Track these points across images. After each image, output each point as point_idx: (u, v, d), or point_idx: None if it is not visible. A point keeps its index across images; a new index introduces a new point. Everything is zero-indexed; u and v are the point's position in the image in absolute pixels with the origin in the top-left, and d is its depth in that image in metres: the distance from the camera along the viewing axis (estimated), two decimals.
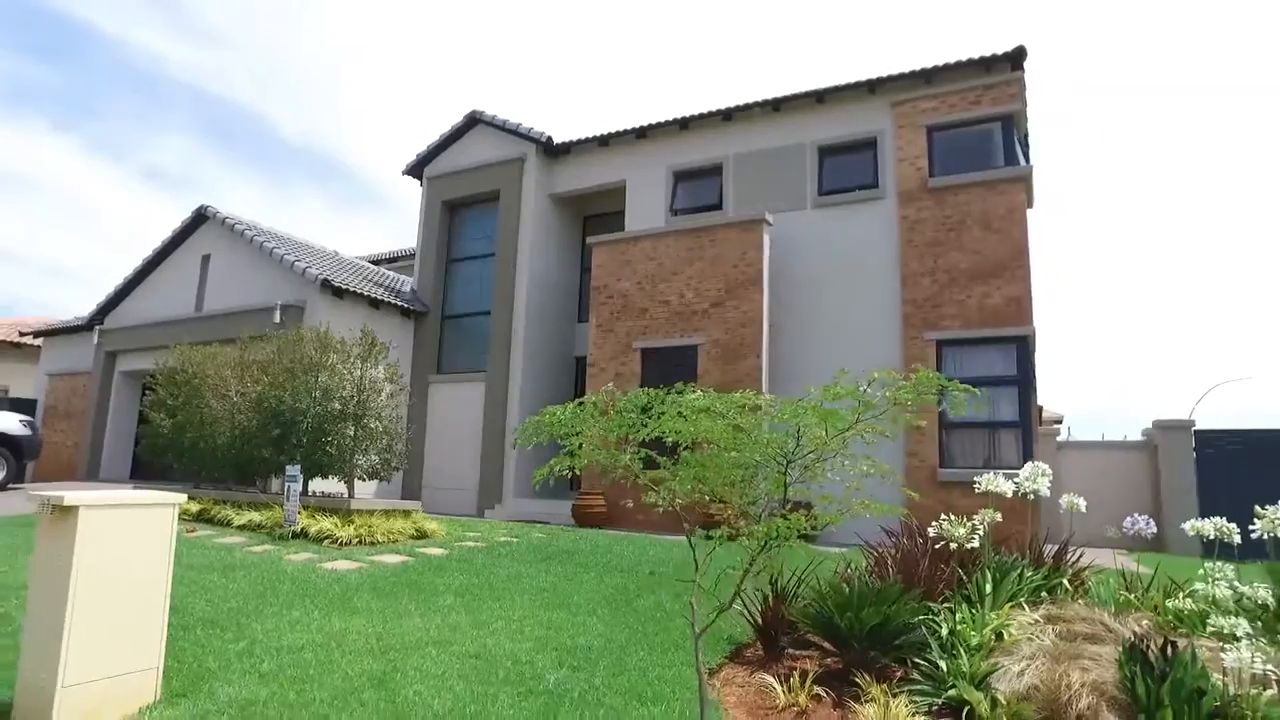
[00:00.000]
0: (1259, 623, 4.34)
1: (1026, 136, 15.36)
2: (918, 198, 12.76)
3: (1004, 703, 3.99)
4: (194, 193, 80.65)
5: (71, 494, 3.68)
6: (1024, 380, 11.60)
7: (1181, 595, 4.89)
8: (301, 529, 8.45)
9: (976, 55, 12.84)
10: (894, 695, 4.23)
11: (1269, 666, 3.78)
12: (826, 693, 4.45)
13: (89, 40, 61.99)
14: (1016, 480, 6.16)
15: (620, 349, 13.81)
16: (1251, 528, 5.05)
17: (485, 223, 17.35)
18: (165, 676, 4.03)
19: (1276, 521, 4.79)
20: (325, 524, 8.47)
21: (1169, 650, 3.84)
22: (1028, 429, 11.52)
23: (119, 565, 3.78)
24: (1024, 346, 11.67)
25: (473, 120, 17.43)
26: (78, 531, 3.60)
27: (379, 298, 15.82)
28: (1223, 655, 3.79)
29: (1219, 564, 5.15)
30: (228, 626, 5.28)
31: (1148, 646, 3.87)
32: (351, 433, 9.79)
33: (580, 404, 2.45)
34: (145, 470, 17.73)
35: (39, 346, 23.21)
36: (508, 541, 9.46)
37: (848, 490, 2.33)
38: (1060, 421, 41.85)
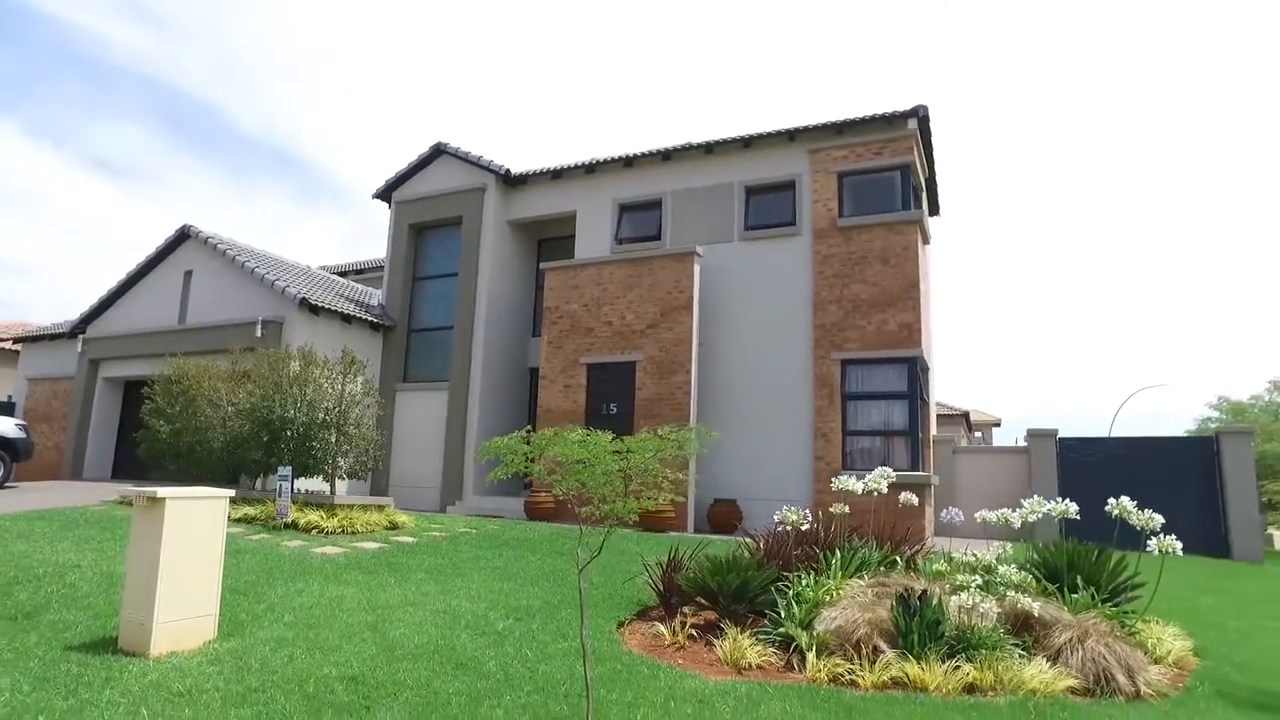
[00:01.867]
0: (978, 576, 6.06)
1: (934, 179, 17.27)
2: (829, 235, 14.52)
3: (816, 636, 5.65)
4: (144, 182, 79.99)
5: (160, 490, 5.16)
6: (913, 395, 13.40)
7: (941, 561, 6.60)
8: (292, 521, 9.86)
9: (881, 112, 14.63)
10: (744, 635, 5.88)
11: (985, 604, 5.50)
12: (699, 634, 6.08)
13: (27, 20, 61.43)
14: (864, 480, 7.86)
15: (569, 364, 15.37)
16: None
17: (449, 244, 18.76)
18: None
19: (1028, 512, 6.54)
20: (313, 516, 9.90)
21: (922, 597, 5.54)
22: (916, 436, 13.32)
23: (190, 539, 5.25)
24: (913, 366, 13.48)
25: (438, 151, 18.83)
26: (165, 515, 5.08)
27: (351, 313, 17.16)
28: (954, 599, 5.50)
29: (999, 543, 6.91)
30: (248, 594, 6.74)
31: (909, 595, 5.57)
32: (334, 439, 11.21)
33: (511, 437, 3.99)
34: (126, 470, 18.87)
35: (15, 351, 24.06)
36: (468, 532, 10.96)
37: (666, 489, 3.85)
38: (999, 424, 44.55)
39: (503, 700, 4.42)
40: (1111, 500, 6.31)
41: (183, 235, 18.57)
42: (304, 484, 12.18)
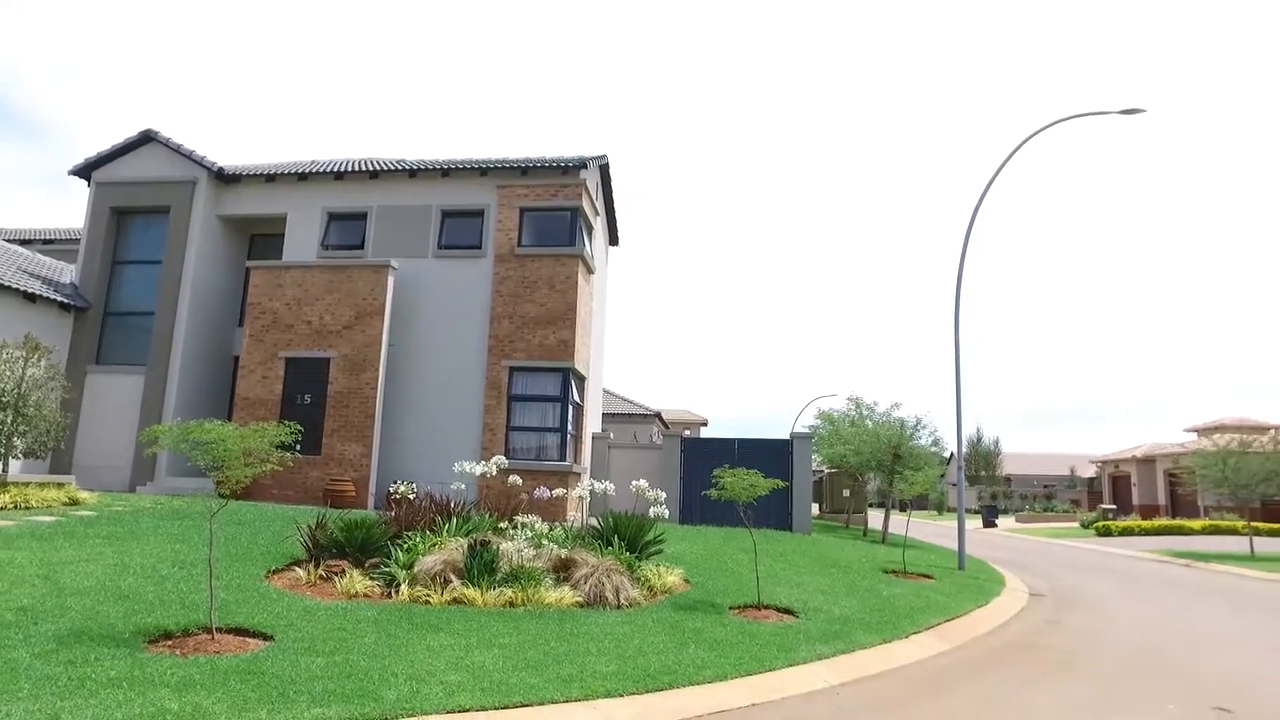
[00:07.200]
0: (527, 532, 8.47)
1: (614, 215, 20.10)
2: (508, 260, 16.72)
3: (412, 573, 7.66)
4: None
5: None
6: (565, 398, 15.98)
7: (517, 526, 8.95)
8: None
9: (559, 160, 17.09)
10: (361, 574, 7.74)
11: (528, 551, 7.84)
12: (329, 575, 7.84)
13: None
14: (482, 466, 10.02)
15: (268, 357, 16.21)
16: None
17: (154, 231, 18.48)
18: None
19: (582, 491, 9.03)
20: None
21: (484, 545, 7.76)
22: (566, 432, 15.92)
23: None
24: (567, 375, 16.06)
25: (146, 137, 18.50)
26: None
27: (36, 292, 16.49)
28: (507, 546, 7.78)
29: (578, 514, 9.35)
30: None
31: (475, 543, 7.77)
32: (10, 419, 11.37)
33: (166, 425, 5.51)
34: None
35: None
36: (153, 507, 11.70)
37: (271, 461, 5.61)
38: (706, 424, 50.52)
39: (153, 614, 5.93)
40: (633, 482, 8.97)
41: None
42: None
